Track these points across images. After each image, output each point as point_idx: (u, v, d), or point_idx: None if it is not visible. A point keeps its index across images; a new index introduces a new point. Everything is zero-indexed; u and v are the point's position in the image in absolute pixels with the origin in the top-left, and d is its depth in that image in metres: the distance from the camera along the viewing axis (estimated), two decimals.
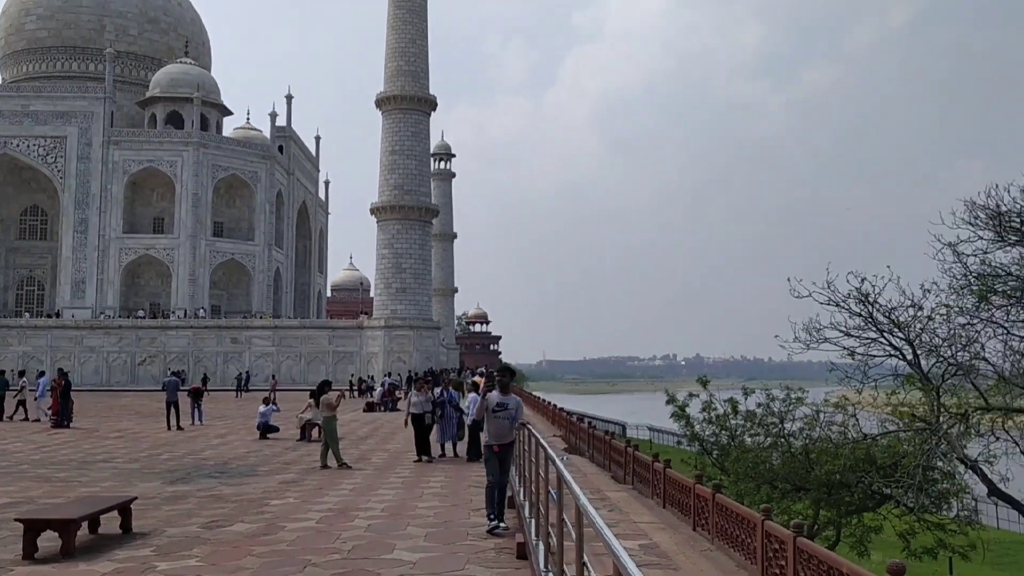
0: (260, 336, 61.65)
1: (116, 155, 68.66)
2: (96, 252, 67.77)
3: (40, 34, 75.72)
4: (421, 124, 61.63)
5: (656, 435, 56.86)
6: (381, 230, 60.53)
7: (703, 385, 27.87)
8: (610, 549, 2.99)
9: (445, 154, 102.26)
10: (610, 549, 2.99)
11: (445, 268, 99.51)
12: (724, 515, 8.12)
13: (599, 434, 16.83)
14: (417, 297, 60.17)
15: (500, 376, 10.07)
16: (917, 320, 19.20)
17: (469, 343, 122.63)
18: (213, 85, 75.55)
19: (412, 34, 61.12)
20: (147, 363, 60.67)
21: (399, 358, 58.06)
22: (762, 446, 24.46)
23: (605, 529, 3.19)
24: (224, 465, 16.44)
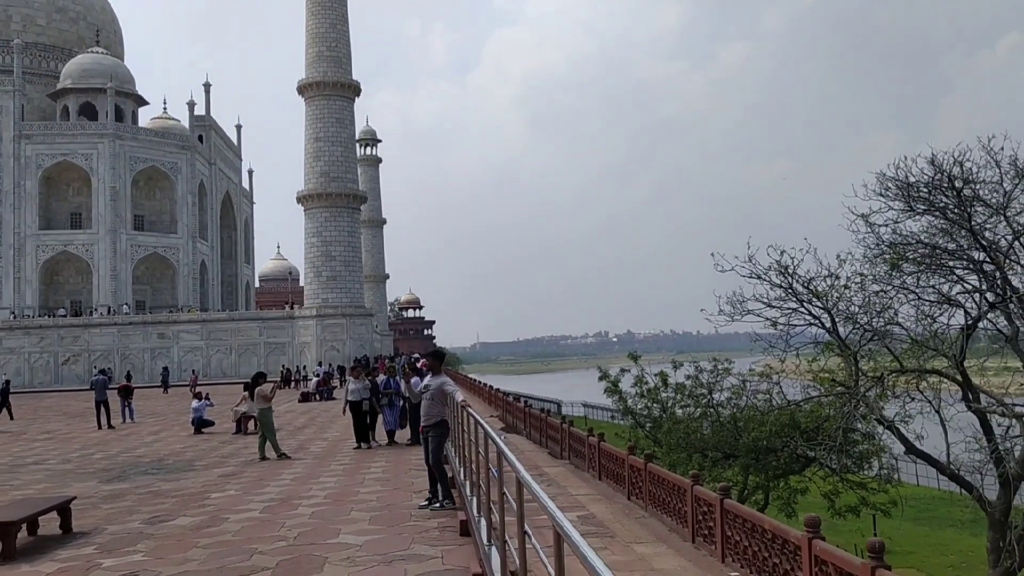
0: (188, 330, 60.47)
1: (28, 149, 66.20)
2: (12, 250, 65.41)
3: None
4: (345, 110, 60.97)
5: (591, 411, 57.82)
6: (309, 218, 59.85)
7: (634, 360, 28.52)
8: (551, 517, 3.24)
9: (371, 140, 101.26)
10: (551, 517, 3.24)
11: (375, 255, 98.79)
12: (656, 483, 8.52)
13: (535, 412, 17.20)
14: (348, 285, 59.75)
15: (429, 359, 10.41)
16: (834, 289, 19.97)
17: (403, 329, 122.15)
18: (127, 75, 73.35)
19: (332, 19, 60.29)
20: (71, 362, 58.98)
21: (332, 347, 57.66)
22: (692, 417, 25.20)
23: (546, 499, 3.45)
24: (160, 462, 16.31)
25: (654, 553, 7.34)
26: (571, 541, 2.74)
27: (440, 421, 9.62)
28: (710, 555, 7.06)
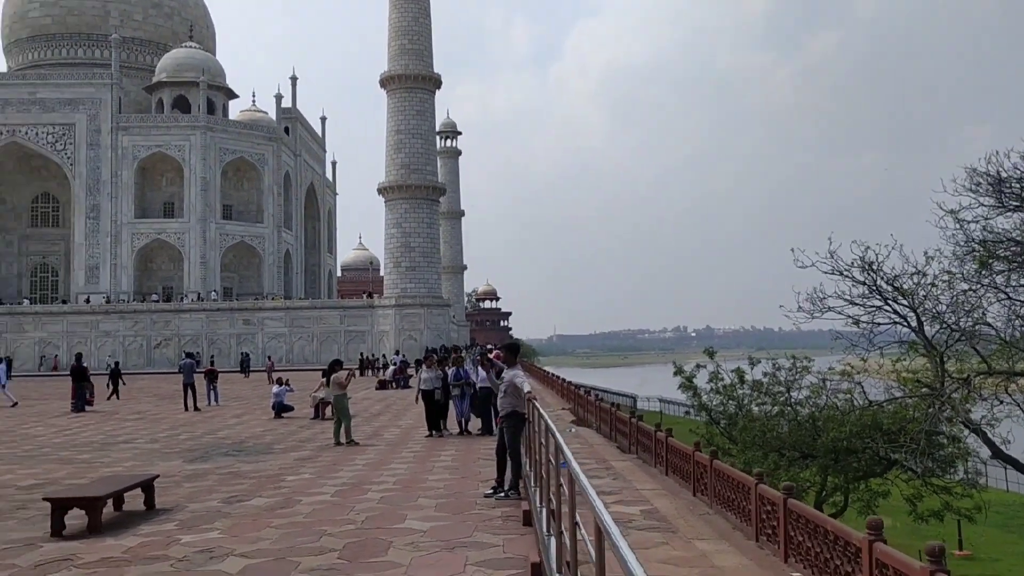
0: (272, 317, 62.22)
1: (125, 141, 69.03)
2: (108, 238, 68.36)
3: (44, 21, 75.90)
4: (426, 102, 61.66)
5: (667, 406, 57.25)
6: (389, 210, 60.81)
7: (710, 356, 28.16)
8: (593, 511, 3.28)
9: (451, 132, 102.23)
10: (593, 511, 3.28)
11: (454, 246, 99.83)
12: (721, 480, 8.44)
13: (605, 406, 17.18)
14: (426, 275, 60.53)
15: (504, 352, 10.52)
16: (920, 287, 19.37)
17: (479, 320, 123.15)
18: (218, 69, 75.69)
19: (415, 12, 61.01)
20: (162, 346, 61.37)
21: (410, 336, 58.53)
22: (769, 415, 24.77)
23: (592, 493, 3.48)
24: (241, 444, 16.87)
25: (716, 550, 7.28)
26: (610, 536, 2.78)
27: (512, 412, 9.75)
28: (773, 554, 6.97)
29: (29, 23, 76.27)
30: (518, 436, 9.64)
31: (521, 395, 9.58)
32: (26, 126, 68.58)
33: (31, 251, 73.82)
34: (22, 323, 61.75)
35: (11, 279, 72.92)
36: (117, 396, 30.64)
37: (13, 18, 77.21)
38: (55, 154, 68.84)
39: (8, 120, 68.42)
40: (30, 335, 61.35)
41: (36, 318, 62.19)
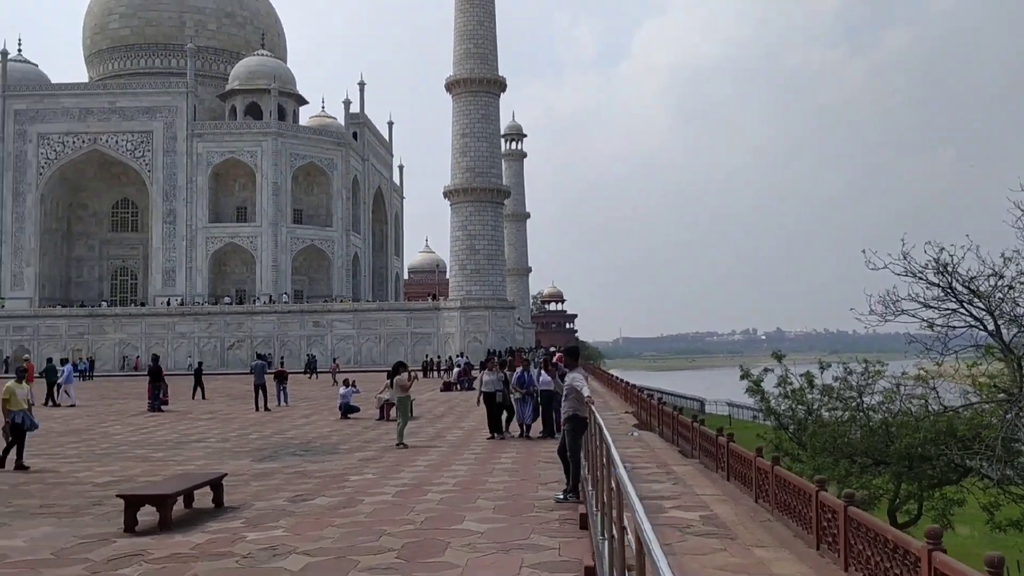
0: (341, 319, 63.31)
1: (200, 147, 71.08)
2: (184, 242, 70.47)
3: (123, 32, 78.64)
4: (491, 106, 62.01)
5: (736, 410, 56.39)
6: (454, 212, 61.31)
7: (778, 360, 27.65)
8: (634, 518, 3.27)
9: (516, 134, 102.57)
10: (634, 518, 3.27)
11: (519, 248, 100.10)
12: (782, 486, 8.31)
13: (667, 410, 17.03)
14: (491, 278, 60.82)
15: (565, 356, 10.54)
16: (998, 290, 18.74)
17: (545, 322, 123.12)
18: (289, 76, 77.36)
19: (479, 16, 61.41)
20: (235, 347, 62.97)
21: (475, 338, 58.88)
22: (840, 420, 24.21)
23: (635, 501, 3.47)
24: (308, 444, 17.23)
25: (775, 558, 7.17)
26: (648, 545, 2.78)
27: (572, 415, 9.76)
28: (833, 563, 6.83)
29: (109, 34, 79.13)
30: (577, 440, 9.63)
31: (581, 398, 9.58)
32: (107, 134, 71.18)
33: (111, 255, 76.58)
34: (103, 325, 64.09)
35: (92, 283, 75.77)
36: (203, 395, 31.57)
37: (94, 30, 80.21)
38: (134, 161, 71.27)
39: (90, 128, 71.13)
40: (110, 336, 63.64)
41: (116, 320, 64.48)
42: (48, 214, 72.52)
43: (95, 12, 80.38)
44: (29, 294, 69.98)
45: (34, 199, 70.88)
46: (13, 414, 13.97)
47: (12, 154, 70.90)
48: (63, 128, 71.18)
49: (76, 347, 62.68)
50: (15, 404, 14.07)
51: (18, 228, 70.75)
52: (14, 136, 71.02)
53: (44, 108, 71.49)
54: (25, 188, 70.94)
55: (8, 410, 14.00)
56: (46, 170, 71.08)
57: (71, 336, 63.62)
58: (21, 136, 71.13)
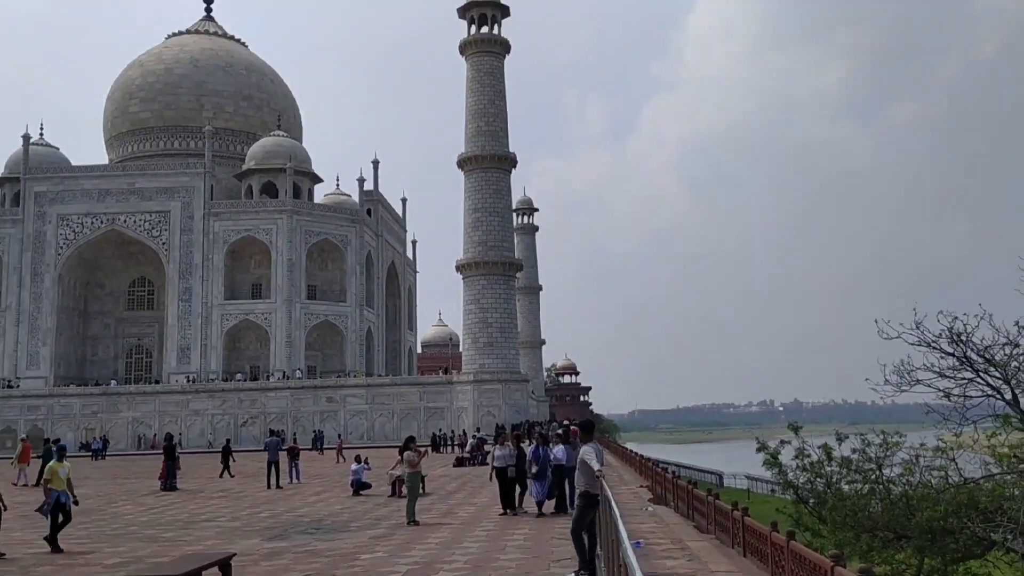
0: (354, 394, 63.14)
1: (216, 226, 72.15)
2: (199, 319, 70.93)
3: (143, 115, 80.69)
4: (502, 181, 62.91)
5: (754, 484, 55.40)
6: (467, 286, 61.64)
7: (795, 432, 27.36)
8: None
9: (528, 209, 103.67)
10: None
11: (532, 321, 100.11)
12: (799, 562, 8.17)
13: (682, 484, 16.81)
14: (504, 351, 60.75)
15: (580, 430, 10.52)
16: (1013, 358, 18.60)
17: (559, 395, 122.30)
18: (304, 155, 78.88)
19: (491, 95, 62.79)
20: (248, 424, 62.76)
21: (489, 412, 58.51)
22: (860, 493, 23.79)
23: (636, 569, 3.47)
24: (320, 522, 17.06)
25: None
26: None
27: (584, 492, 9.65)
28: None
29: (129, 118, 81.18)
30: (584, 516, 9.51)
31: (592, 473, 9.49)
32: (125, 214, 72.43)
33: (127, 333, 77.11)
34: (116, 403, 64.14)
35: (108, 361, 76.14)
36: (230, 474, 31.16)
37: (115, 113, 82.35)
38: (151, 240, 72.32)
39: (108, 209, 72.44)
40: (124, 415, 63.62)
41: (130, 398, 64.54)
42: (65, 293, 73.38)
43: (116, 97, 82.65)
44: (44, 373, 70.31)
45: (52, 279, 71.82)
46: (56, 494, 13.88)
47: (32, 235, 72.17)
48: (82, 209, 72.56)
49: (89, 426, 62.71)
50: (57, 484, 13.98)
51: (35, 308, 71.52)
52: (34, 217, 72.40)
53: (64, 190, 73.02)
54: (43, 268, 71.97)
55: (50, 489, 13.90)
56: (65, 250, 72.20)
57: (85, 415, 63.66)
58: (41, 217, 72.51)
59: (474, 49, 63.37)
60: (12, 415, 64.06)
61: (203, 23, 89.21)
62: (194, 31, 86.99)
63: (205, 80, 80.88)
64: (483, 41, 63.25)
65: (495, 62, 63.72)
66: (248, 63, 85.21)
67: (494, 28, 64.25)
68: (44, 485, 14.04)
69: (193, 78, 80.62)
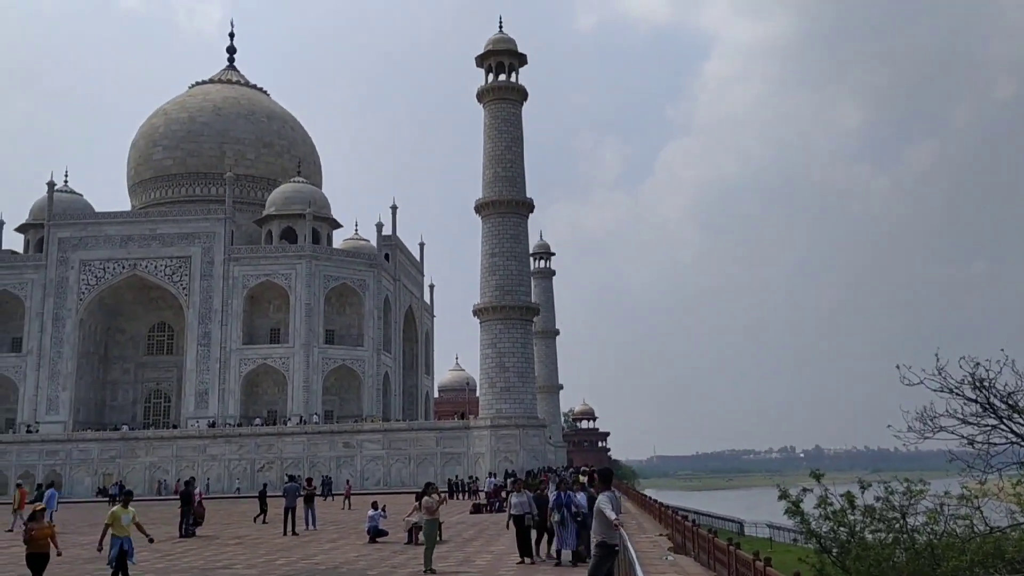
0: (370, 440, 62.91)
1: (236, 271, 72.80)
2: (218, 364, 71.22)
3: (166, 163, 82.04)
4: (519, 226, 63.21)
5: (776, 532, 54.53)
6: (484, 330, 61.63)
7: (817, 479, 27.01)
8: None
9: (544, 253, 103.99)
10: None
11: (549, 365, 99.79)
12: None
13: (702, 532, 16.59)
14: (521, 395, 60.48)
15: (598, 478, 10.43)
16: None
17: (577, 440, 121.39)
18: (324, 201, 79.73)
19: (507, 141, 63.41)
20: (265, 469, 62.53)
21: (506, 457, 58.07)
22: (884, 542, 23.40)
23: None
24: (335, 570, 16.93)
25: None
26: None
27: (600, 542, 9.52)
28: None
29: (152, 165, 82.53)
30: (602, 566, 9.38)
31: (609, 523, 9.39)
32: (146, 259, 73.28)
33: (146, 378, 77.51)
34: (134, 448, 64.18)
35: (127, 406, 76.44)
36: (264, 520, 30.68)
37: (138, 161, 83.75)
38: (171, 285, 73.01)
39: (130, 254, 73.32)
40: (141, 460, 63.59)
41: (147, 443, 64.58)
42: (86, 338, 73.98)
43: (140, 144, 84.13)
44: (64, 418, 70.64)
45: (73, 324, 72.51)
46: (119, 541, 13.47)
47: (54, 280, 73.08)
48: (105, 254, 73.48)
49: (107, 471, 62.70)
50: (119, 530, 13.56)
51: (56, 352, 72.12)
52: (57, 263, 73.37)
53: (87, 236, 74.07)
54: (65, 313, 72.71)
55: (113, 536, 13.52)
56: (86, 295, 72.97)
57: (103, 460, 63.69)
58: (64, 263, 73.47)
59: (491, 97, 64.18)
60: (31, 460, 64.19)
61: (226, 72, 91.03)
62: (217, 80, 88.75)
63: (227, 128, 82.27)
64: (500, 89, 64.07)
65: (512, 109, 64.47)
66: (269, 111, 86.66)
67: (511, 76, 65.12)
68: (104, 530, 13.66)
69: (215, 126, 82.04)
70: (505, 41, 65.44)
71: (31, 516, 13.08)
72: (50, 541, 12.88)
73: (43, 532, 12.83)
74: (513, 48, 65.33)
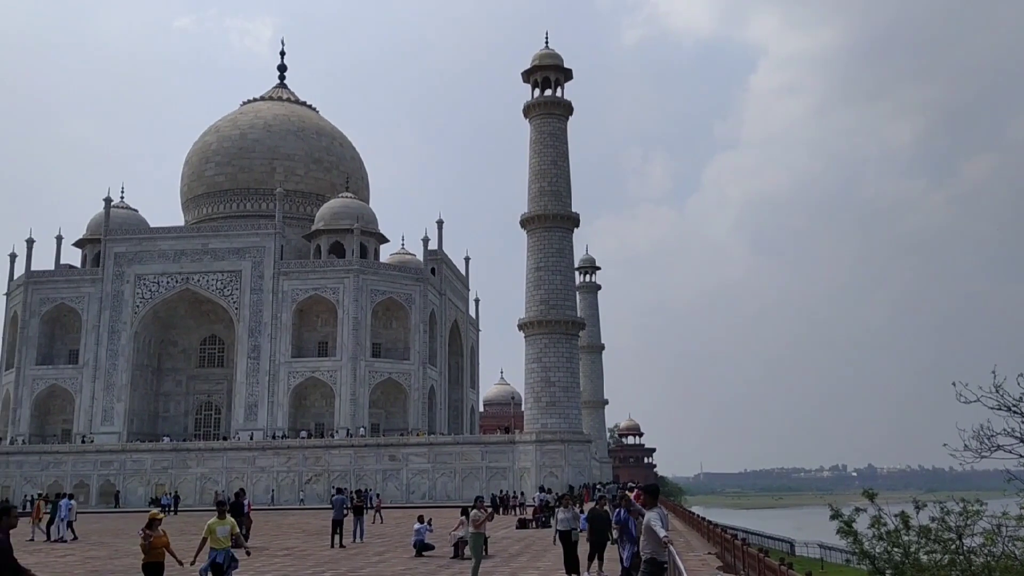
0: (416, 453, 63.18)
1: (285, 285, 73.89)
2: (267, 376, 72.23)
3: (218, 179, 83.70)
4: (565, 240, 63.21)
5: (827, 553, 53.50)
6: (529, 345, 61.62)
7: (870, 499, 26.52)
8: None
9: (590, 267, 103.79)
10: None
11: (594, 380, 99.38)
12: None
13: (752, 551, 16.33)
14: (567, 410, 60.28)
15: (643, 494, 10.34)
16: None
17: (622, 456, 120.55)
18: (371, 216, 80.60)
19: (553, 156, 63.54)
20: (312, 481, 63.16)
21: (551, 472, 57.88)
22: (939, 564, 22.90)
23: None
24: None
25: None
26: None
27: (650, 559, 9.41)
28: None
29: (205, 181, 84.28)
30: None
31: (658, 539, 9.31)
32: (198, 274, 74.77)
33: (197, 390, 78.91)
34: (186, 459, 65.31)
35: (179, 417, 77.89)
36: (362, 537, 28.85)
37: (191, 177, 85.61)
38: (222, 299, 74.35)
39: (183, 269, 74.90)
40: (193, 471, 64.68)
41: (199, 454, 65.69)
42: (140, 351, 75.60)
43: (193, 161, 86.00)
44: (118, 429, 72.19)
45: (128, 336, 74.16)
46: (214, 553, 13.14)
47: (110, 294, 74.90)
48: (158, 269, 75.16)
49: (159, 481, 63.87)
50: (216, 543, 13.17)
51: (111, 364, 73.82)
52: (113, 277, 75.22)
53: (142, 251, 75.84)
54: (121, 326, 74.44)
55: (210, 548, 13.21)
56: (141, 309, 74.64)
57: (155, 470, 64.92)
58: (120, 277, 75.29)
59: (537, 112, 64.41)
60: (86, 470, 65.72)
61: (276, 89, 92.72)
62: (268, 97, 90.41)
63: (277, 144, 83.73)
64: (546, 104, 64.28)
65: (558, 124, 64.62)
66: (318, 127, 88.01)
67: (557, 91, 65.32)
68: (201, 544, 13.37)
69: (266, 142, 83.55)
70: (551, 56, 65.71)
71: (148, 524, 12.71)
72: (166, 550, 12.65)
73: (161, 541, 12.58)
74: (559, 63, 65.56)
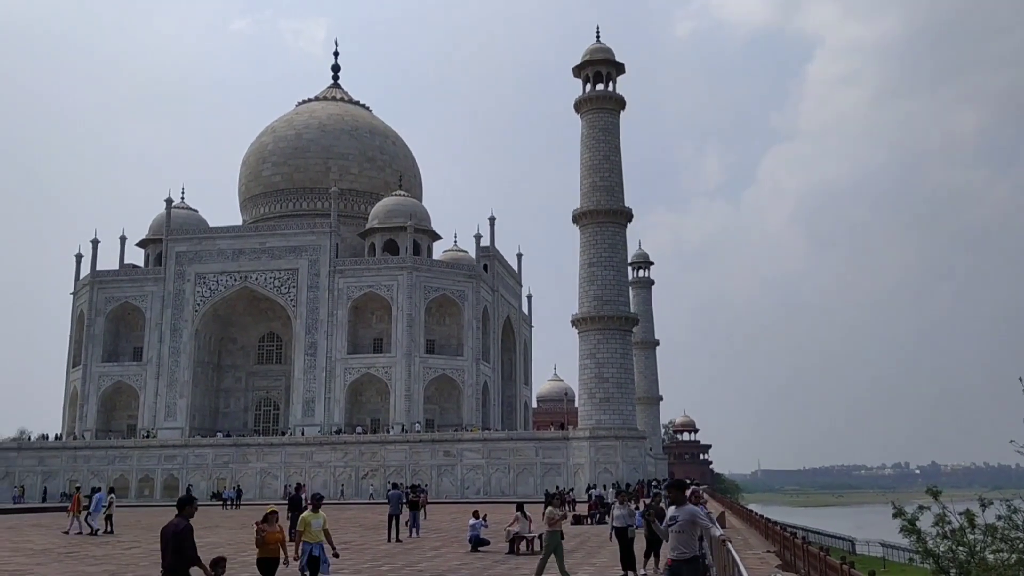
0: (470, 449, 63.54)
1: (341, 283, 74.92)
2: (324, 373, 73.34)
3: (275, 179, 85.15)
4: (617, 235, 62.89)
5: (890, 551, 52.38)
6: (582, 341, 61.48)
7: (934, 496, 25.91)
8: None
9: (643, 262, 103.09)
10: None
11: (648, 376, 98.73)
12: None
13: (813, 550, 16.07)
14: (621, 406, 60.02)
15: (669, 491, 10.09)
16: None
17: (677, 453, 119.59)
18: (424, 214, 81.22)
19: (605, 151, 63.23)
20: (369, 476, 63.96)
21: (605, 469, 57.69)
22: (1007, 563, 22.33)
23: None
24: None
25: None
26: None
27: (693, 557, 8.82)
28: None
29: (262, 181, 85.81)
30: None
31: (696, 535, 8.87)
32: (256, 272, 76.21)
33: (256, 386, 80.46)
34: (246, 454, 66.67)
35: (238, 413, 79.54)
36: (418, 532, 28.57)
37: (248, 177, 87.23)
38: (280, 297, 75.67)
39: (241, 267, 76.41)
40: (253, 465, 66.01)
41: (258, 449, 67.00)
42: (201, 348, 77.36)
43: (250, 162, 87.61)
44: (181, 424, 74.01)
45: (189, 334, 75.96)
46: (309, 547, 13.00)
47: (172, 293, 76.81)
48: (218, 268, 76.80)
49: (220, 476, 65.29)
50: (311, 536, 13.08)
51: (174, 362, 75.71)
52: (175, 276, 77.12)
53: (202, 250, 77.58)
54: (182, 324, 76.27)
55: (305, 542, 13.06)
56: (201, 307, 76.36)
57: (217, 465, 66.41)
58: (180, 276, 77.15)
59: (589, 107, 64.15)
60: (150, 464, 67.51)
61: (330, 90, 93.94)
62: (322, 97, 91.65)
63: (332, 144, 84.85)
64: (598, 99, 63.98)
65: (610, 118, 64.28)
66: (372, 127, 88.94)
67: (609, 85, 64.97)
68: (296, 537, 13.22)
69: (321, 142, 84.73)
70: (602, 51, 65.39)
71: (264, 518, 12.34)
72: (280, 546, 12.30)
73: (274, 536, 12.27)
74: (610, 57, 65.20)
